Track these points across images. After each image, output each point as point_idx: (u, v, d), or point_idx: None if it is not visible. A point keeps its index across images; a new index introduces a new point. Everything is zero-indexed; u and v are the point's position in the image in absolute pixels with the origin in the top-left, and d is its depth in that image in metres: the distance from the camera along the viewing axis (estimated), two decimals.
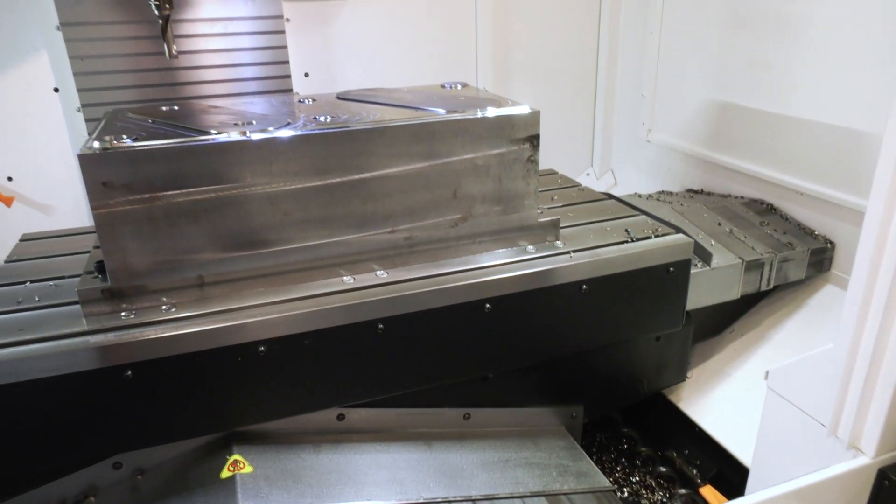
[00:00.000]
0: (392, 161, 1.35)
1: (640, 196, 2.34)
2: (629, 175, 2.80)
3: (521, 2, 2.48)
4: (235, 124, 1.30)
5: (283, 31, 2.04)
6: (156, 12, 1.34)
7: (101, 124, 1.34)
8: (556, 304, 1.48)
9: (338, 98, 1.62)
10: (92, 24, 1.80)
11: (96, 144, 1.16)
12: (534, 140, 1.46)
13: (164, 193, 1.20)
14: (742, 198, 2.15)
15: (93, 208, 1.16)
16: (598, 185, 2.87)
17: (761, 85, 2.03)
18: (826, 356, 1.15)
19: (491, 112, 1.41)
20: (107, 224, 1.18)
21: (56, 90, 1.99)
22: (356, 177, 1.34)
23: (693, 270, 1.65)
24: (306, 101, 1.59)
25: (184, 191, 1.22)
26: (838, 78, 1.78)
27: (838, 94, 1.78)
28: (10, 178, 2.04)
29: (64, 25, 1.80)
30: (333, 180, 1.32)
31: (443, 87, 1.74)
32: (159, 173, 1.19)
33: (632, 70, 2.63)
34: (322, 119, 1.35)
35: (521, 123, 1.44)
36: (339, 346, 1.32)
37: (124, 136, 1.20)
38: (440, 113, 1.41)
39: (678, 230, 1.66)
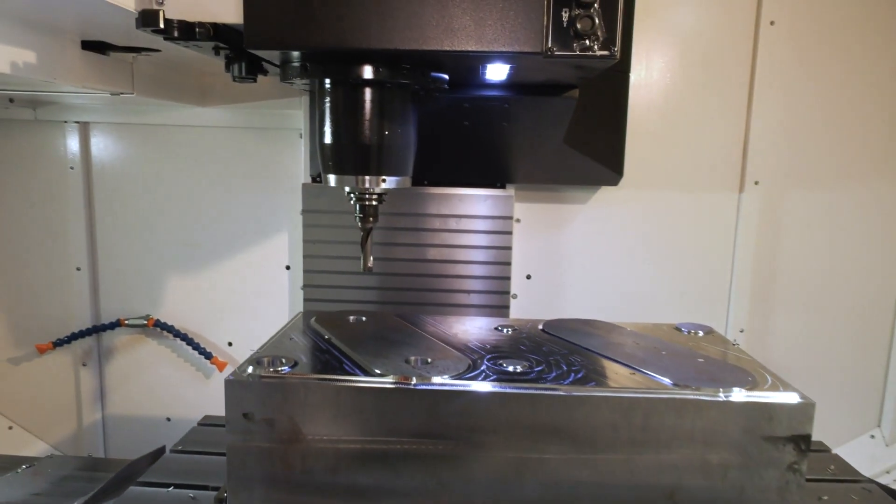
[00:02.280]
0: (587, 441, 1.02)
1: None
2: None
3: (796, 222, 2.05)
4: (406, 361, 1.10)
5: (510, 233, 1.91)
6: (359, 224, 1.25)
7: (274, 337, 1.24)
8: None
9: (543, 330, 1.37)
10: (328, 212, 1.86)
11: (250, 370, 1.03)
12: (801, 443, 1.02)
13: (309, 437, 1.02)
14: None
15: (227, 440, 1.01)
16: (886, 455, 2.13)
17: None
18: None
19: (739, 395, 1.02)
20: (238, 460, 1.02)
21: (287, 267, 2.07)
22: (538, 455, 1.03)
23: None
24: (505, 329, 1.36)
25: (329, 438, 1.02)
26: None
27: None
28: (230, 344, 2.11)
29: (305, 212, 1.87)
30: (507, 453, 1.03)
31: (678, 329, 1.39)
32: (307, 412, 1.01)
33: None
34: (510, 369, 1.09)
35: (783, 417, 1.02)
36: None
37: (282, 360, 1.06)
38: (665, 383, 1.06)
39: None
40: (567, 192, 2.01)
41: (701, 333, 1.38)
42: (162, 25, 0.98)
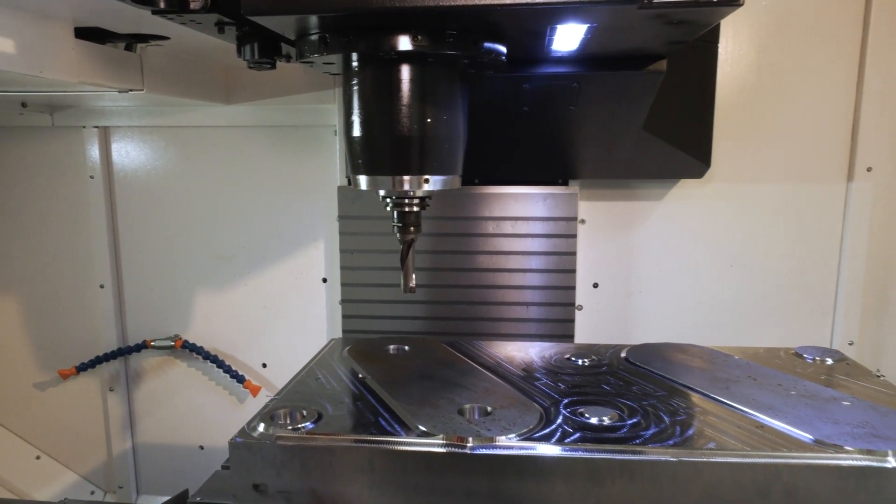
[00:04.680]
0: None
1: None
2: None
3: None
4: (460, 412, 0.85)
5: (574, 236, 1.65)
6: (397, 235, 1.01)
7: (299, 375, 1.02)
8: None
9: (627, 360, 1.10)
10: (367, 218, 1.65)
11: (261, 429, 0.81)
12: None
13: None
14: None
15: None
16: None
17: None
18: None
19: None
20: None
21: (324, 280, 1.86)
22: None
23: None
24: (581, 360, 1.10)
25: None
26: None
27: None
28: (264, 365, 1.92)
29: (342, 218, 1.66)
30: None
31: (799, 355, 1.11)
32: (333, 483, 0.78)
33: None
34: (594, 421, 0.84)
35: None
36: None
37: (303, 413, 0.83)
38: (804, 440, 0.78)
39: None
40: (640, 187, 1.74)
41: (830, 361, 1.09)
42: None
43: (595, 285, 1.81)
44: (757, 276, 1.77)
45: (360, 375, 1.01)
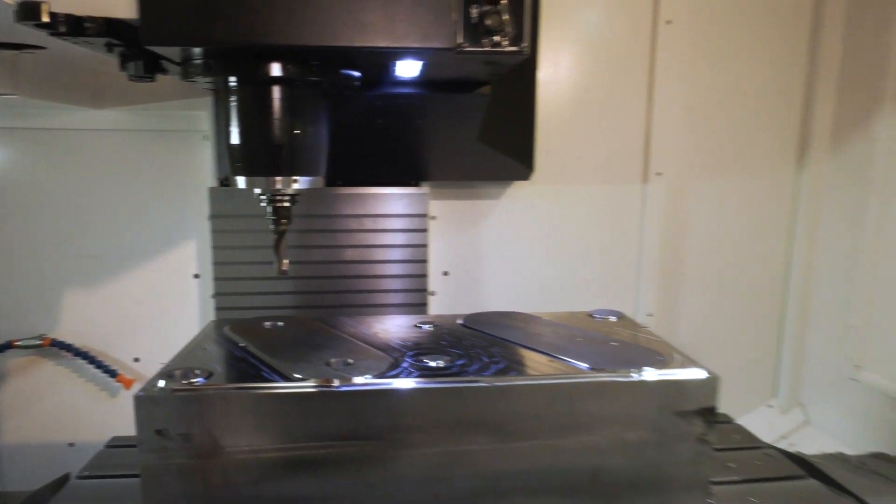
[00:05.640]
0: (512, 430, 1.04)
1: (846, 459, 1.78)
2: (827, 414, 2.21)
3: (696, 210, 2.17)
4: (327, 364, 1.08)
5: (426, 230, 1.91)
6: (272, 227, 1.21)
7: (186, 349, 1.19)
8: None
9: (462, 325, 1.38)
10: (237, 216, 1.80)
11: (161, 384, 0.98)
12: (708, 415, 1.08)
13: (229, 450, 0.98)
14: None
15: (140, 460, 0.96)
16: (782, 423, 2.30)
17: None
18: None
19: (651, 374, 1.07)
20: (153, 481, 0.97)
21: (197, 276, 1.98)
22: (465, 448, 1.04)
23: None
24: (425, 326, 1.36)
25: (250, 448, 0.98)
26: None
27: None
28: (136, 360, 2.00)
29: (213, 217, 1.80)
30: (433, 449, 1.03)
31: (591, 316, 1.44)
32: (225, 424, 0.98)
33: (834, 290, 2.16)
34: (432, 364, 1.10)
35: (692, 392, 1.08)
36: None
37: (196, 372, 1.02)
38: (583, 368, 1.09)
39: None
40: (481, 188, 2.04)
41: (613, 319, 1.43)
42: (47, 19, 0.92)
43: (445, 273, 2.09)
44: (577, 261, 2.14)
45: (242, 345, 1.19)
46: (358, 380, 1.01)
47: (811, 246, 2.22)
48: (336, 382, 1.01)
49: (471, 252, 2.10)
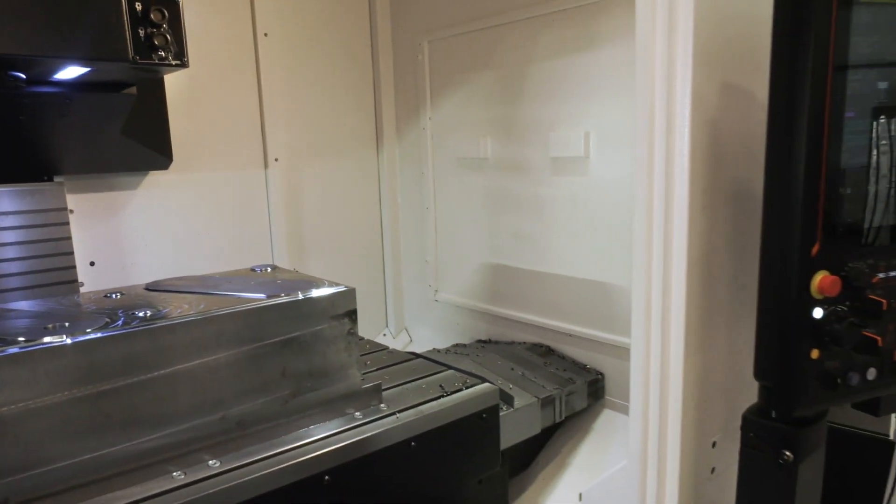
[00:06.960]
0: (220, 349, 1.38)
1: (438, 351, 2.56)
2: (422, 332, 3.03)
3: (310, 187, 2.71)
4: (46, 328, 1.23)
5: (66, 223, 1.99)
6: None
7: None
8: (389, 464, 1.55)
9: (147, 290, 1.61)
10: None
11: None
12: (352, 315, 1.59)
13: None
14: (524, 343, 2.48)
15: None
16: (395, 344, 3.05)
17: (525, 250, 2.44)
18: (624, 472, 1.37)
19: (312, 293, 1.53)
20: None
21: None
22: (183, 367, 1.33)
23: (500, 413, 1.84)
24: (114, 295, 1.55)
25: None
26: (583, 243, 2.23)
27: (585, 255, 2.22)
28: None
29: None
30: (160, 372, 1.30)
31: (253, 270, 1.82)
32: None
33: (415, 239, 2.95)
34: (143, 314, 1.34)
35: (340, 301, 1.57)
36: None
37: None
38: (262, 298, 1.48)
39: (483, 379, 1.86)
40: (117, 179, 2.19)
41: (270, 269, 1.84)
42: None
43: (92, 263, 2.18)
44: (217, 240, 2.46)
45: None
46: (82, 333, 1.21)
47: (394, 208, 2.98)
48: (66, 339, 1.19)
49: (116, 241, 2.24)
